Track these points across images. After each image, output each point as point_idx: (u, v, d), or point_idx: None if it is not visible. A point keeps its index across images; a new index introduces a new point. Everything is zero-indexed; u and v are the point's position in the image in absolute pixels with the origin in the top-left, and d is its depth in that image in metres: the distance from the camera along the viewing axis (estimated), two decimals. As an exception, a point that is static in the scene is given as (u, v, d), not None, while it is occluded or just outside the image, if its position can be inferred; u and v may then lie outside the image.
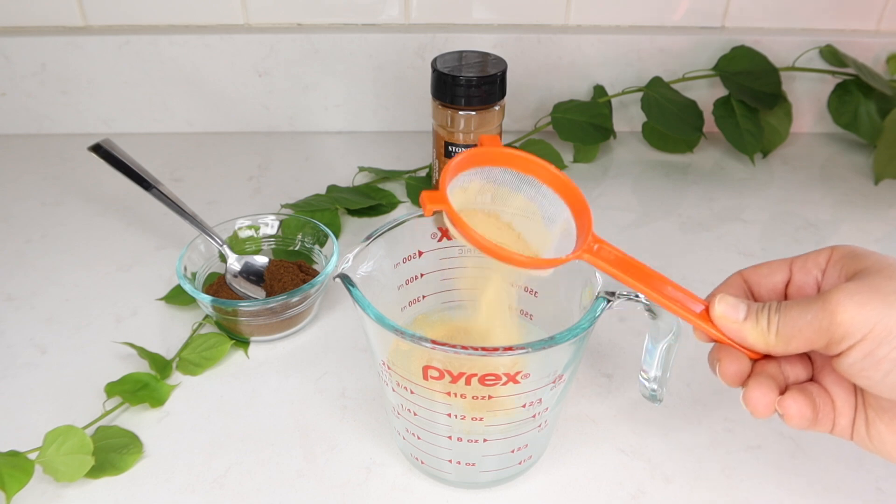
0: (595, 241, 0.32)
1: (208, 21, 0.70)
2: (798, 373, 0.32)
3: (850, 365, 0.28)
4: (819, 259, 0.32)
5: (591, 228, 0.32)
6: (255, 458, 0.41)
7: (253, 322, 0.47)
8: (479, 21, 0.71)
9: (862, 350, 0.28)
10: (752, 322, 0.30)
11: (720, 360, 0.32)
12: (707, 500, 0.39)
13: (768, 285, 0.33)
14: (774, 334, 0.30)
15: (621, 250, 0.32)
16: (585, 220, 0.32)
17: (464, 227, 0.30)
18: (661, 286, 0.32)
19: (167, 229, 0.60)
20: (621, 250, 0.32)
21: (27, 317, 0.51)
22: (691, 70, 0.71)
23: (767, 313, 0.30)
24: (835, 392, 0.32)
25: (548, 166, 0.33)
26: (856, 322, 0.27)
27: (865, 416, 0.31)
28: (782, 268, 0.33)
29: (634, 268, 0.32)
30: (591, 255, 0.31)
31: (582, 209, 0.33)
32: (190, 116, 0.74)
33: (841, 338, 0.28)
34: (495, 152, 0.33)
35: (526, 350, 0.30)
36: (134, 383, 0.44)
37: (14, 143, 0.73)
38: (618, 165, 0.71)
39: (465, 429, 0.35)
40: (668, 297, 0.32)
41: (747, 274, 0.34)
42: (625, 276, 0.32)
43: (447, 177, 0.31)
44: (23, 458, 0.38)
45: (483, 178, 0.33)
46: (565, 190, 0.33)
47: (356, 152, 0.72)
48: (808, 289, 0.32)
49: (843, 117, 0.72)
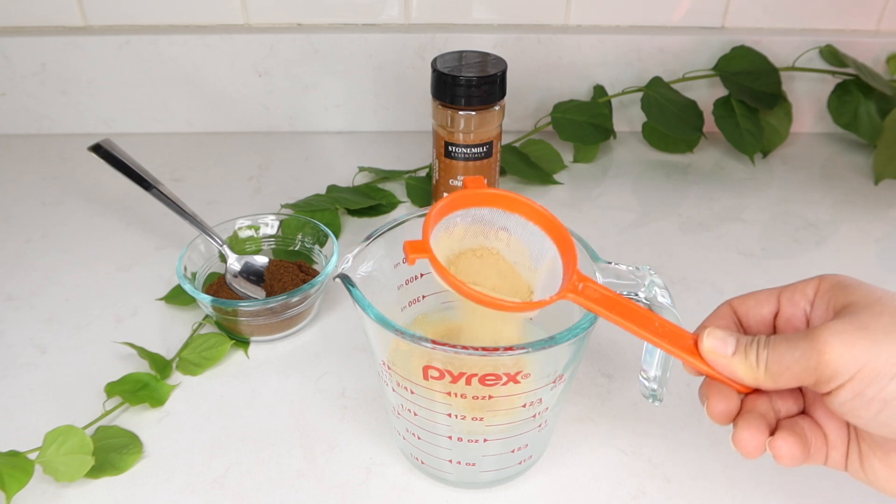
0: (580, 279, 0.32)
1: (208, 21, 0.70)
2: (789, 406, 0.32)
3: (841, 404, 0.28)
4: (807, 290, 0.32)
5: (576, 266, 0.32)
6: (255, 458, 0.41)
7: (253, 322, 0.47)
8: (479, 21, 0.71)
9: (851, 390, 0.27)
10: (741, 357, 0.30)
11: (708, 398, 0.31)
12: (707, 500, 0.39)
13: (756, 317, 0.33)
14: (763, 370, 0.29)
15: (606, 287, 0.32)
16: (571, 257, 0.32)
17: (448, 277, 0.30)
18: (647, 323, 0.32)
19: (167, 229, 0.60)
20: (606, 287, 0.32)
21: (27, 317, 0.51)
22: (691, 70, 0.72)
23: (756, 348, 0.30)
24: (827, 425, 0.31)
25: (532, 204, 0.33)
26: (844, 362, 0.27)
27: (859, 449, 0.31)
28: (770, 299, 0.33)
29: (620, 305, 0.31)
30: (575, 294, 0.31)
31: (567, 246, 0.33)
32: (190, 116, 0.74)
33: (829, 377, 0.28)
34: (479, 194, 0.33)
35: (526, 350, 0.30)
36: (134, 383, 0.44)
37: (14, 143, 0.73)
38: (618, 165, 0.71)
39: (466, 429, 0.35)
40: (654, 333, 0.31)
41: (736, 304, 0.33)
42: (610, 314, 0.31)
43: (430, 223, 0.31)
44: (23, 458, 0.38)
45: (468, 219, 0.33)
46: (551, 227, 0.33)
47: (356, 152, 0.72)
48: (796, 321, 0.32)
49: (843, 117, 0.72)
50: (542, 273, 0.34)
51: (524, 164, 0.67)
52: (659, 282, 0.34)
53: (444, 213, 0.32)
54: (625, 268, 0.35)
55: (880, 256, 0.59)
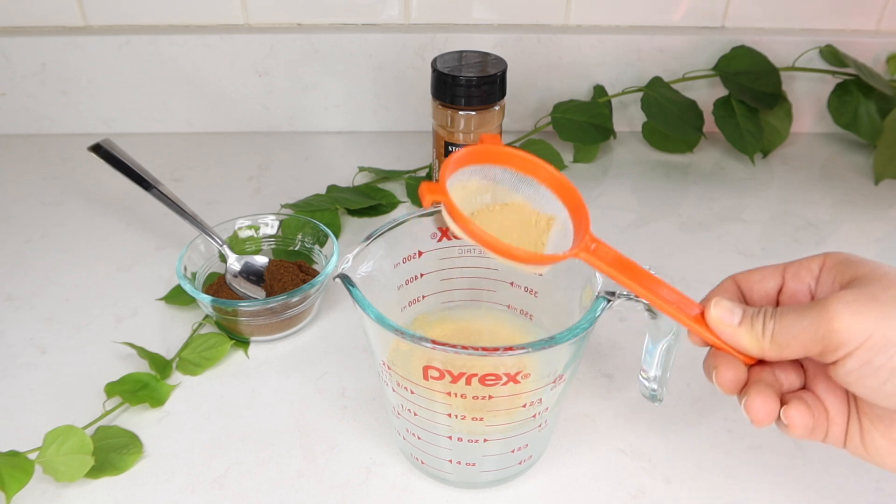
0: (592, 240, 0.32)
1: (208, 21, 0.70)
2: (792, 380, 0.32)
3: (847, 373, 0.28)
4: (812, 266, 0.32)
5: (588, 228, 0.32)
6: (255, 458, 0.41)
7: (253, 322, 0.47)
8: (479, 21, 0.71)
9: (859, 359, 0.28)
10: (747, 326, 0.30)
11: (717, 367, 0.32)
12: (707, 500, 0.39)
13: (761, 291, 0.33)
14: (769, 339, 0.30)
15: (618, 251, 0.32)
16: (583, 220, 0.32)
17: (462, 219, 0.30)
18: (656, 288, 0.32)
19: (167, 229, 0.60)
20: (618, 251, 0.32)
21: (27, 317, 0.51)
22: (691, 70, 0.71)
23: (763, 318, 0.30)
24: (828, 400, 0.31)
25: (546, 166, 0.33)
26: (853, 331, 0.27)
27: (860, 424, 0.31)
28: (775, 274, 0.33)
29: (631, 269, 0.32)
30: (587, 253, 0.31)
31: (579, 209, 0.33)
32: (190, 116, 0.74)
33: (837, 346, 0.28)
34: (495, 150, 0.33)
35: (526, 350, 0.30)
36: (134, 383, 0.44)
37: (14, 143, 0.73)
38: (618, 165, 0.71)
39: (466, 429, 0.35)
40: (663, 300, 0.32)
41: (740, 279, 0.34)
42: (621, 276, 0.32)
43: (447, 171, 0.31)
44: (23, 458, 0.38)
45: (482, 176, 0.33)
46: (563, 190, 0.33)
47: (356, 152, 0.72)
48: (800, 296, 0.32)
49: (843, 117, 0.72)
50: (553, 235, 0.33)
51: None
52: (660, 281, 0.34)
53: (460, 163, 0.32)
54: (625, 267, 0.35)
55: (880, 256, 0.59)
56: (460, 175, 0.32)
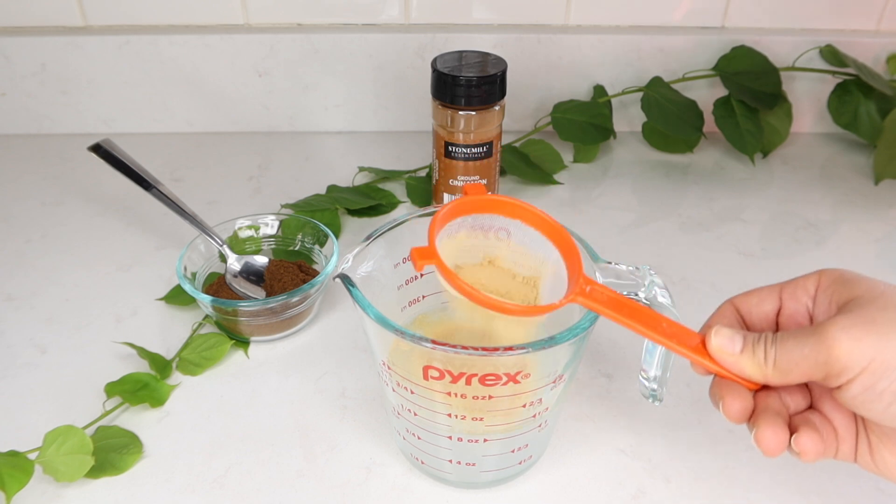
0: (586, 282, 0.32)
1: (208, 21, 0.70)
2: (798, 402, 0.32)
3: (852, 398, 0.28)
4: (808, 286, 0.32)
5: (581, 269, 0.32)
6: (255, 458, 0.41)
7: (253, 322, 0.47)
8: (479, 21, 0.71)
9: (861, 384, 0.28)
10: (749, 354, 0.30)
11: (723, 397, 0.31)
12: (707, 500, 0.39)
13: (760, 314, 0.33)
14: (772, 367, 0.30)
15: (612, 290, 0.32)
16: (575, 261, 0.32)
17: (455, 281, 0.30)
18: (655, 324, 0.32)
19: (167, 229, 0.60)
20: (612, 290, 0.32)
21: (27, 317, 0.51)
22: (691, 70, 0.71)
23: (764, 345, 0.30)
24: (835, 419, 0.31)
25: (533, 210, 0.33)
26: (853, 357, 0.27)
27: (868, 441, 0.31)
28: (772, 296, 0.33)
29: (627, 307, 0.32)
30: (584, 297, 0.31)
31: (570, 250, 0.33)
32: (190, 116, 0.74)
33: (839, 372, 0.28)
34: (480, 200, 0.33)
35: (526, 350, 0.30)
36: (134, 383, 0.44)
37: (14, 143, 0.73)
38: (618, 165, 0.71)
39: (466, 429, 0.35)
40: (663, 333, 0.32)
41: (738, 302, 0.34)
42: (619, 315, 0.31)
43: (435, 229, 0.31)
44: (23, 458, 0.38)
45: (470, 225, 0.34)
46: (552, 232, 0.33)
47: (356, 152, 0.72)
48: (799, 317, 0.32)
49: (843, 117, 0.72)
50: (546, 278, 0.34)
51: (524, 164, 0.67)
52: (659, 282, 0.34)
53: (447, 219, 0.33)
54: (625, 268, 0.35)
55: (880, 256, 0.59)
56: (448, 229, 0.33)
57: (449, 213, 0.33)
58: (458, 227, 0.33)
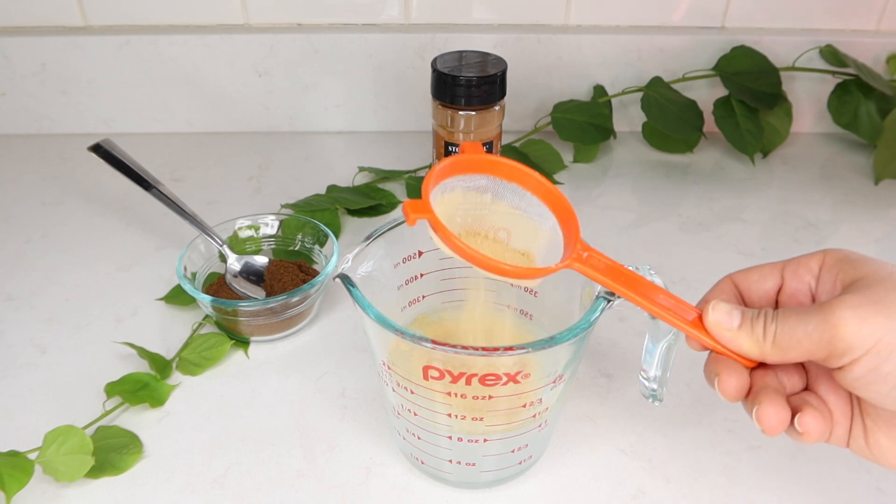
0: (584, 248, 0.31)
1: (208, 21, 0.70)
2: (794, 382, 0.32)
3: (855, 379, 0.28)
4: (811, 264, 0.31)
5: (578, 236, 0.31)
6: (255, 458, 0.41)
7: (253, 322, 0.47)
8: (479, 21, 0.71)
9: (866, 365, 0.27)
10: (747, 330, 0.30)
11: (719, 374, 0.31)
12: (707, 500, 0.39)
13: (759, 291, 0.32)
14: (771, 343, 0.29)
15: (610, 258, 0.31)
16: (572, 227, 0.31)
17: (447, 236, 0.29)
18: (652, 294, 0.31)
19: (167, 229, 0.60)
20: (610, 258, 0.31)
21: (27, 317, 0.51)
22: (691, 70, 0.71)
23: (763, 321, 0.29)
24: (831, 401, 0.31)
25: (532, 173, 0.32)
26: (859, 337, 0.27)
27: (863, 425, 0.30)
28: (774, 273, 0.32)
29: (625, 276, 0.31)
30: (580, 263, 0.31)
31: (568, 216, 0.32)
32: (190, 116, 0.74)
33: (843, 352, 0.27)
34: (478, 159, 0.32)
35: (526, 350, 0.30)
36: (134, 383, 0.44)
37: (14, 143, 0.73)
38: (618, 165, 0.71)
39: (466, 429, 0.35)
40: (659, 306, 0.31)
41: (738, 278, 0.33)
42: (615, 284, 0.31)
43: (429, 184, 0.30)
44: (23, 458, 0.38)
45: (466, 185, 0.33)
46: (550, 197, 0.32)
47: (356, 152, 0.72)
48: (800, 296, 0.32)
49: (843, 117, 0.72)
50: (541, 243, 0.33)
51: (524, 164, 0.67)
52: (659, 282, 0.34)
53: (442, 175, 0.31)
54: (625, 268, 0.34)
55: (880, 256, 0.58)
56: (443, 187, 0.32)
57: (445, 170, 0.31)
58: (453, 185, 0.32)
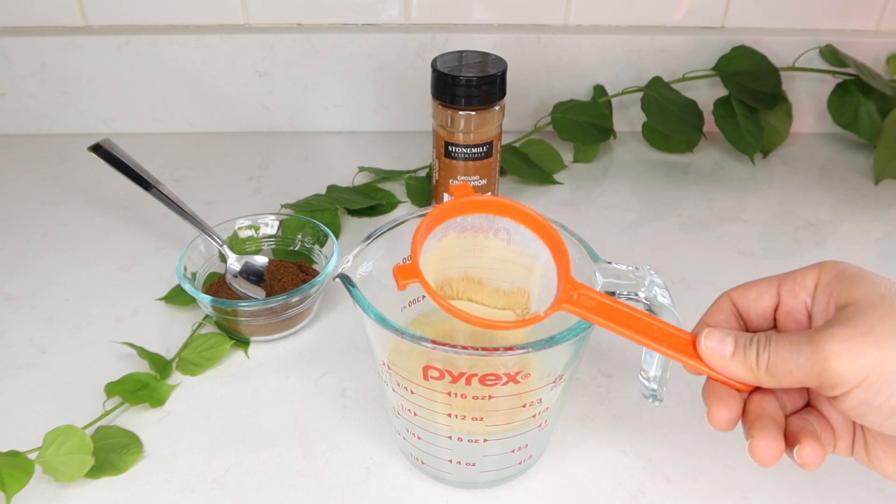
0: (574, 287, 0.31)
1: (208, 21, 0.70)
2: (795, 401, 0.32)
3: (849, 409, 0.28)
4: (806, 281, 0.31)
5: (569, 273, 0.31)
6: (255, 458, 0.41)
7: (253, 322, 0.47)
8: (479, 21, 0.71)
9: (858, 397, 0.27)
10: (740, 357, 0.30)
11: (709, 406, 0.31)
12: (707, 500, 0.39)
13: (757, 310, 0.32)
14: (765, 371, 0.29)
15: (600, 293, 0.31)
16: (563, 262, 0.32)
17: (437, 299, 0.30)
18: (644, 328, 0.31)
19: (167, 229, 0.60)
20: (600, 293, 0.31)
21: (27, 317, 0.51)
22: (691, 70, 0.71)
23: (756, 349, 0.29)
24: (833, 417, 0.31)
25: (522, 207, 0.33)
26: (850, 371, 0.27)
27: (864, 440, 0.31)
28: (770, 291, 0.32)
29: (616, 312, 0.31)
30: (570, 304, 0.31)
31: (559, 251, 0.32)
32: (190, 116, 0.74)
33: (834, 385, 0.27)
34: (467, 203, 0.33)
35: (526, 350, 0.30)
36: (134, 383, 0.44)
37: (14, 143, 0.73)
38: (618, 165, 0.71)
39: (466, 429, 0.35)
40: (651, 338, 0.31)
41: (735, 296, 0.33)
42: (607, 322, 0.31)
43: (417, 244, 0.31)
44: (23, 458, 0.38)
45: (458, 228, 0.33)
46: (541, 231, 0.33)
47: (356, 152, 0.72)
48: (797, 314, 0.31)
49: (843, 117, 0.72)
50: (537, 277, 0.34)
51: (524, 164, 0.67)
52: (659, 282, 0.34)
53: (430, 229, 0.32)
54: (625, 268, 0.35)
55: (880, 256, 0.59)
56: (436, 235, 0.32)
57: (434, 221, 0.32)
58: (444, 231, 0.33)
